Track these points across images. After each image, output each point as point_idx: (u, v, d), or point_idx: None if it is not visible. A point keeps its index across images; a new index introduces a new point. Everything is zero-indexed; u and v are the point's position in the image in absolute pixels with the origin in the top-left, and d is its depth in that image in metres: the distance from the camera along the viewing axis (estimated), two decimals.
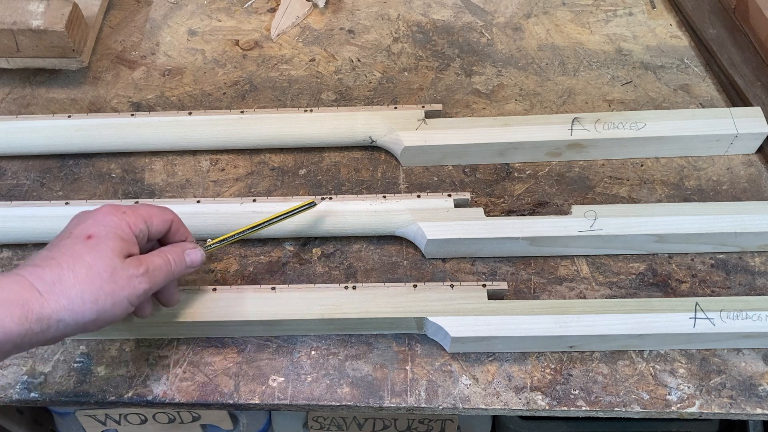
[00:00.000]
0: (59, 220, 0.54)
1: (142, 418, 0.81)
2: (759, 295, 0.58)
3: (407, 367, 0.56)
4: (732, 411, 0.53)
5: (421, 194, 0.62)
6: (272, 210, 0.59)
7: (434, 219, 0.59)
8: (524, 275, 0.60)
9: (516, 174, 0.66)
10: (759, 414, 0.53)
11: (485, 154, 0.66)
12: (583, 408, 0.54)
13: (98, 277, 0.44)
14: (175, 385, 0.55)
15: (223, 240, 0.55)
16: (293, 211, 0.57)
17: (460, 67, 0.75)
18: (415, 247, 0.62)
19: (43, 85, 0.75)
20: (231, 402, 0.55)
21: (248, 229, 0.55)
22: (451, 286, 0.56)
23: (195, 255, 0.51)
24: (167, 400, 0.55)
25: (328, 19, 0.80)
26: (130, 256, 0.47)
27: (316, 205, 0.57)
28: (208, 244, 0.54)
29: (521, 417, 0.86)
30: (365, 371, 0.56)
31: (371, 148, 0.69)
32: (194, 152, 0.69)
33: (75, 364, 0.57)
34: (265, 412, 0.87)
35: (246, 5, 0.82)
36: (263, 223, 0.56)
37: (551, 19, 0.79)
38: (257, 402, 0.55)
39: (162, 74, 0.75)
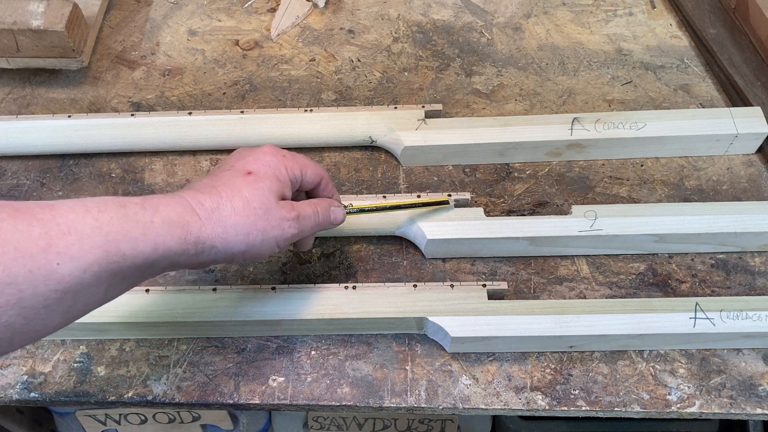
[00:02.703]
0: None
1: (142, 418, 0.81)
2: (759, 295, 0.58)
3: (407, 367, 0.56)
4: (732, 411, 0.53)
5: (421, 194, 0.62)
6: None
7: (434, 219, 0.59)
8: (524, 275, 0.60)
9: (516, 174, 0.66)
10: (759, 414, 0.53)
11: (485, 154, 0.66)
12: (583, 408, 0.54)
13: (253, 212, 0.45)
14: (175, 385, 0.55)
15: (362, 209, 0.57)
16: (428, 203, 0.59)
17: (460, 67, 0.75)
18: (415, 247, 0.62)
19: (43, 85, 0.75)
20: (231, 402, 0.55)
21: (383, 207, 0.57)
22: (451, 286, 0.56)
23: (339, 213, 0.53)
24: (167, 400, 0.55)
25: (328, 19, 0.80)
26: (283, 198, 0.48)
27: (449, 205, 0.59)
28: (348, 208, 0.55)
29: (521, 417, 0.86)
30: (365, 371, 0.56)
31: (371, 148, 0.69)
32: (194, 152, 0.69)
33: (75, 364, 0.57)
34: (265, 412, 0.87)
35: (246, 5, 0.82)
36: (397, 206, 0.58)
37: (551, 19, 0.79)
38: (257, 402, 0.55)
39: (162, 74, 0.75)
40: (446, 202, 0.59)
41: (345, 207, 0.54)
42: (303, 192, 0.54)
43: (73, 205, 0.38)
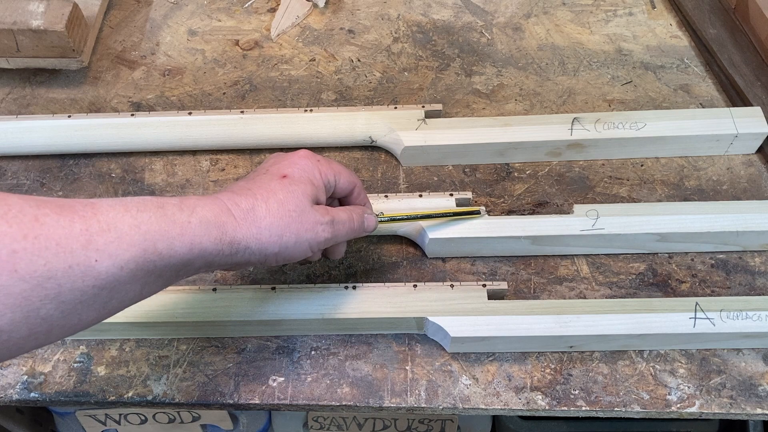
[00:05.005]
0: None
1: (142, 418, 0.81)
2: (759, 295, 0.58)
3: (407, 367, 0.56)
4: (732, 411, 0.53)
5: (423, 194, 0.62)
6: None
7: (436, 219, 0.59)
8: (524, 275, 0.60)
9: (516, 174, 0.66)
10: (759, 414, 0.53)
11: (485, 154, 0.66)
12: (583, 408, 0.54)
13: (287, 215, 0.45)
14: (175, 385, 0.55)
15: (393, 218, 0.57)
16: (459, 213, 0.59)
17: (460, 67, 0.75)
18: (416, 247, 0.62)
19: (43, 85, 0.75)
20: (231, 402, 0.55)
21: (414, 217, 0.58)
22: (451, 286, 0.56)
23: (372, 220, 0.53)
24: (167, 400, 0.55)
25: (328, 19, 0.80)
26: (317, 203, 0.48)
27: (480, 215, 0.59)
28: (380, 216, 0.56)
29: (521, 417, 0.86)
30: (365, 371, 0.56)
31: (371, 148, 0.69)
32: (194, 152, 0.69)
33: (75, 364, 0.57)
34: (265, 412, 0.87)
35: (246, 5, 0.82)
36: (428, 215, 0.58)
37: (551, 19, 0.79)
38: (257, 402, 0.55)
39: (162, 74, 0.75)
40: (477, 212, 0.59)
41: (377, 215, 0.55)
42: (336, 200, 0.54)
43: (114, 204, 0.39)
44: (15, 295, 0.33)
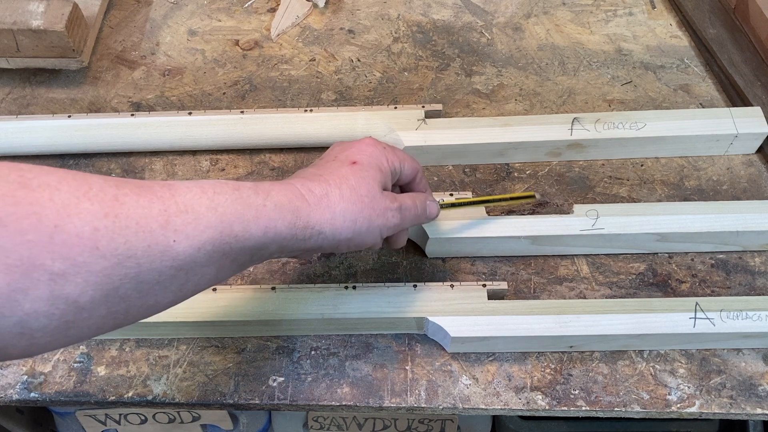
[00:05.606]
0: None
1: (142, 418, 0.81)
2: (759, 295, 0.58)
3: (407, 367, 0.56)
4: (732, 411, 0.53)
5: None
6: None
7: (437, 218, 0.59)
8: (524, 275, 0.60)
9: (516, 174, 0.66)
10: (759, 414, 0.53)
11: (485, 154, 0.66)
12: (583, 408, 0.54)
13: (360, 200, 0.45)
14: (175, 385, 0.55)
15: (454, 204, 0.57)
16: (516, 197, 0.60)
17: (460, 67, 0.75)
18: (415, 247, 0.62)
19: (43, 85, 0.75)
20: (231, 402, 0.55)
21: (473, 202, 0.59)
22: (451, 286, 0.56)
23: (434, 207, 0.53)
24: (167, 400, 0.55)
25: (328, 19, 0.80)
26: (384, 189, 0.48)
27: (535, 199, 0.60)
28: (441, 203, 0.56)
29: (521, 417, 0.86)
30: (365, 371, 0.56)
31: None
32: (194, 152, 0.69)
33: (75, 364, 0.57)
34: (265, 412, 0.87)
35: (246, 5, 0.82)
36: (486, 200, 0.59)
37: (551, 19, 0.79)
38: (257, 402, 0.55)
39: (162, 74, 0.75)
40: (533, 196, 0.59)
41: (438, 202, 0.55)
42: (398, 186, 0.54)
43: (191, 186, 0.39)
44: (96, 273, 0.33)
